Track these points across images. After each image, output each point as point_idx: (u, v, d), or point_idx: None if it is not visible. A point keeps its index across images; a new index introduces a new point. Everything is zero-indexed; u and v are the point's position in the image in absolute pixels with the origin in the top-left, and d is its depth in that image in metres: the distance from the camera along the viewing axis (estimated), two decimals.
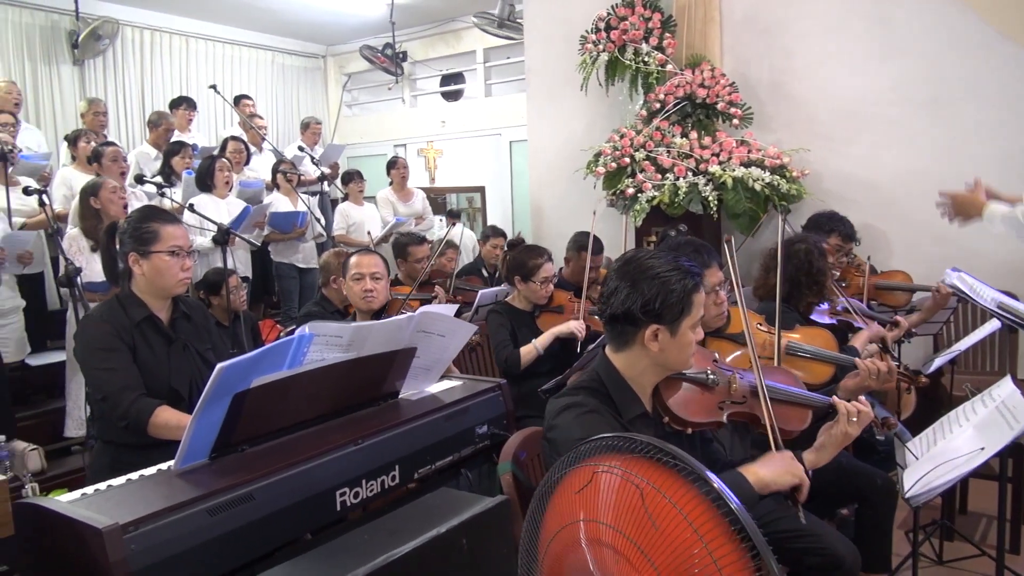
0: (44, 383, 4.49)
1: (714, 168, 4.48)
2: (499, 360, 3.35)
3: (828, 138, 4.66)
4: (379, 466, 1.90)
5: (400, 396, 2.26)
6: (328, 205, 6.63)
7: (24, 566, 1.62)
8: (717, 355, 1.96)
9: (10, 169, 4.52)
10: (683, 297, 1.65)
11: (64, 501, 1.53)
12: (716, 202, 4.42)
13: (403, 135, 9.17)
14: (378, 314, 2.97)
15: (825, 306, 3.01)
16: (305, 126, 7.08)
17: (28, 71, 6.90)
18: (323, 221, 5.93)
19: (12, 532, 1.38)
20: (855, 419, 1.76)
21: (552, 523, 1.21)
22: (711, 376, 1.82)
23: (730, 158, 4.53)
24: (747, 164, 4.53)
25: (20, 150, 4.93)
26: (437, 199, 8.15)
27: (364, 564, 1.31)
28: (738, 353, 2.24)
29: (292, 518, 1.67)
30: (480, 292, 4.09)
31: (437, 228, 7.05)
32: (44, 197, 3.79)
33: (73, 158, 5.19)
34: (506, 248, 4.93)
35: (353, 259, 3.01)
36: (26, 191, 3.94)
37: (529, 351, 3.32)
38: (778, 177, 4.46)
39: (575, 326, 3.35)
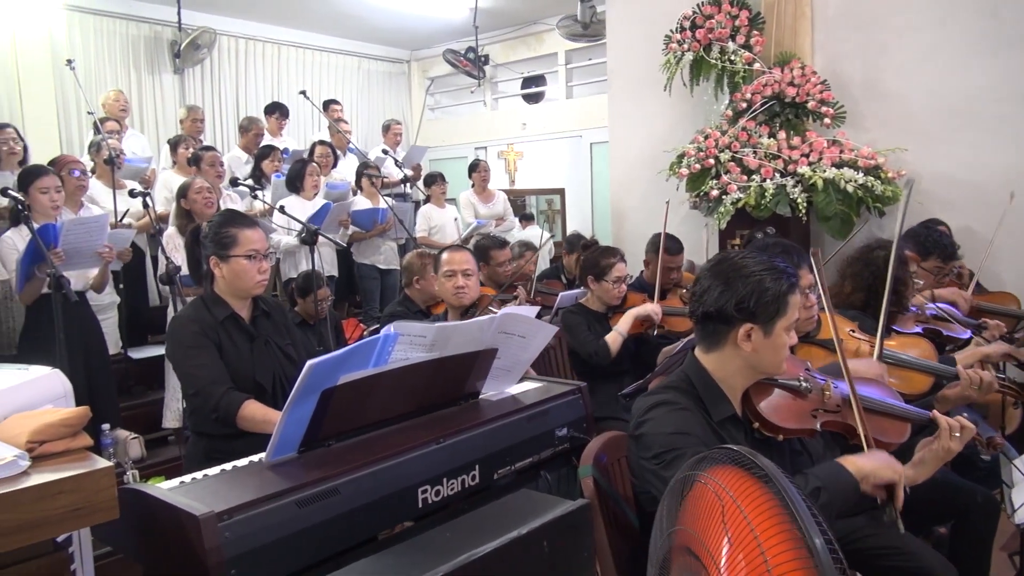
0: (144, 375, 4.74)
1: (803, 169, 4.34)
2: (588, 353, 3.32)
3: (927, 137, 4.44)
4: (460, 465, 1.91)
5: (481, 396, 2.28)
6: (411, 207, 6.76)
7: (126, 548, 1.70)
8: (810, 364, 1.89)
9: (117, 172, 4.80)
10: (778, 297, 1.61)
11: (164, 488, 1.60)
12: (805, 204, 4.27)
13: (484, 137, 9.26)
14: (468, 310, 3.00)
15: (913, 310, 2.84)
16: (386, 128, 7.23)
17: (133, 80, 7.33)
18: (405, 223, 6.04)
19: (116, 516, 1.45)
20: (958, 435, 1.67)
21: (667, 525, 1.19)
22: (804, 383, 1.76)
23: (820, 159, 4.38)
24: (839, 165, 4.36)
25: (126, 154, 5.24)
26: (516, 201, 8.18)
27: (446, 562, 1.33)
28: (831, 362, 2.15)
29: (375, 513, 1.70)
30: (560, 294, 4.08)
31: (517, 231, 7.08)
32: (147, 199, 4.01)
33: (174, 162, 5.47)
34: (580, 252, 4.91)
35: (444, 256, 3.04)
36: (131, 193, 4.18)
37: (615, 338, 3.30)
38: (872, 178, 4.27)
39: (651, 308, 3.31)
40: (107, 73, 7.11)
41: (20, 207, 3.29)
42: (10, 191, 3.34)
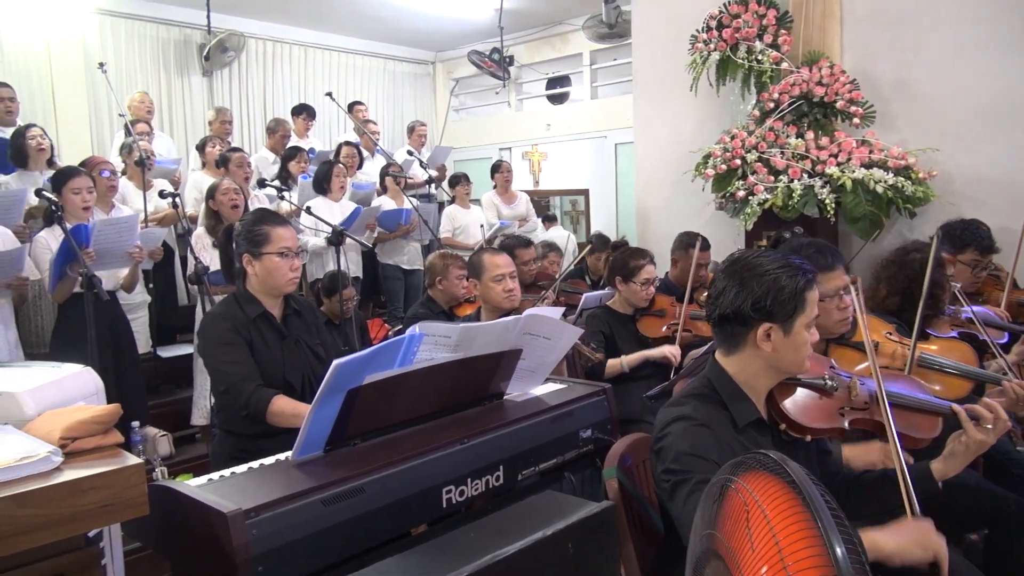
0: (173, 374, 4.80)
1: (832, 169, 4.28)
2: (584, 362, 3.31)
3: (959, 137, 4.36)
4: (484, 465, 1.91)
5: (505, 397, 2.28)
6: (435, 208, 6.78)
7: (155, 544, 1.73)
8: (835, 362, 1.86)
9: (147, 173, 4.88)
10: (795, 294, 1.58)
11: (192, 485, 1.62)
12: (833, 205, 4.22)
13: (508, 138, 9.26)
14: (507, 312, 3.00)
15: (949, 312, 2.79)
16: (411, 129, 7.27)
17: (163, 82, 7.44)
18: (430, 223, 6.06)
19: (146, 512, 1.47)
20: (990, 426, 1.63)
21: (702, 527, 1.18)
22: (829, 381, 1.73)
23: (849, 159, 4.32)
24: (868, 165, 4.29)
25: (155, 156, 5.32)
26: (540, 202, 8.18)
27: (471, 562, 1.33)
28: (865, 365, 2.12)
29: (400, 512, 1.71)
30: (584, 295, 4.07)
31: (540, 232, 7.07)
32: (176, 200, 4.07)
33: (203, 163, 5.54)
34: (609, 252, 4.88)
35: (489, 260, 3.04)
36: (161, 194, 4.24)
37: (615, 366, 3.27)
38: (902, 179, 4.21)
39: (669, 351, 3.27)
40: (137, 76, 7.22)
41: (54, 208, 3.35)
42: (44, 192, 3.41)
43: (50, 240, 3.51)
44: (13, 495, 1.29)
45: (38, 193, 3.45)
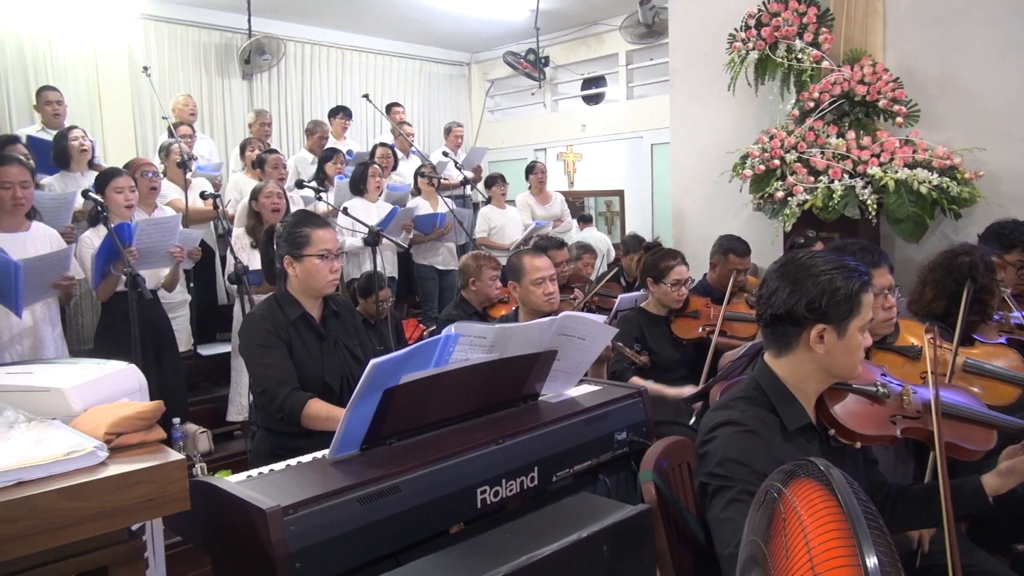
0: (212, 371, 4.89)
1: (874, 170, 4.20)
2: (610, 367, 3.28)
3: (1007, 136, 4.24)
4: (519, 466, 1.91)
5: (540, 398, 2.27)
6: (471, 209, 6.80)
7: (195, 539, 1.76)
8: (886, 368, 1.82)
9: (188, 175, 4.98)
10: (851, 296, 1.54)
11: (232, 481, 1.65)
12: (875, 206, 4.13)
13: (543, 139, 9.25)
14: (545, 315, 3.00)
15: (997, 317, 2.71)
16: (447, 131, 7.30)
17: (204, 85, 7.58)
18: (465, 225, 6.08)
19: (187, 507, 1.49)
20: None
21: (748, 534, 1.16)
22: (881, 388, 1.69)
23: (892, 159, 4.23)
24: (912, 165, 4.20)
25: (196, 158, 5.43)
26: (575, 203, 8.16)
27: (506, 563, 1.32)
28: (908, 370, 2.07)
29: (435, 512, 1.71)
30: (620, 297, 4.05)
31: (575, 232, 7.05)
32: (217, 201, 4.14)
33: (243, 165, 5.63)
34: (641, 254, 4.85)
35: (529, 262, 3.03)
36: (202, 195, 4.31)
37: (638, 384, 3.19)
38: (947, 179, 4.11)
39: (688, 393, 3.20)
40: (180, 79, 7.37)
41: (99, 208, 3.43)
42: (90, 193, 3.49)
43: (94, 239, 3.59)
44: (61, 488, 1.32)
45: (84, 194, 3.54)
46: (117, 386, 1.94)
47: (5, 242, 3.19)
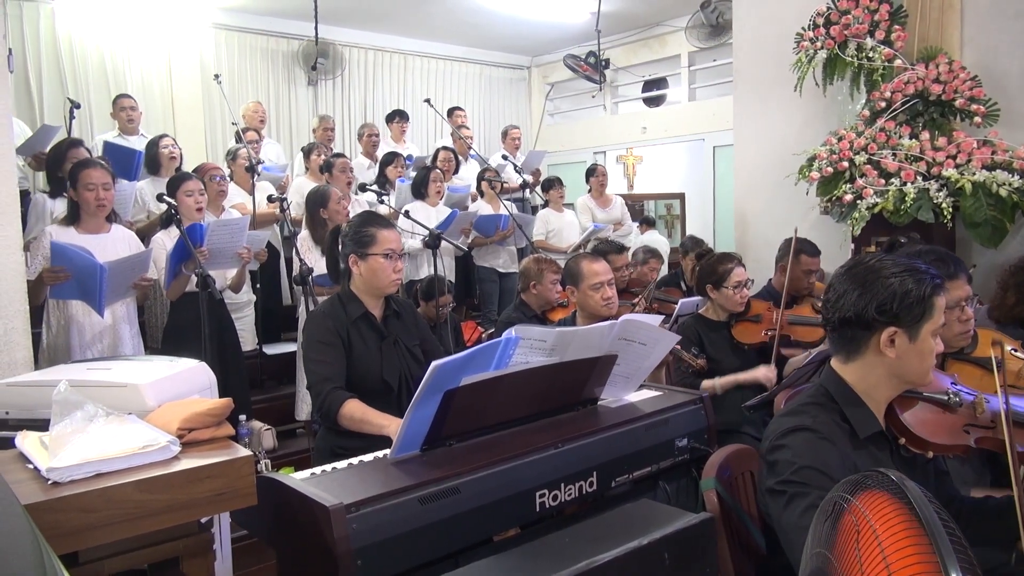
0: (277, 370, 5.00)
1: (949, 172, 4.03)
2: (675, 374, 3.23)
3: None
4: (578, 471, 1.90)
5: (599, 403, 2.26)
6: (529, 212, 6.81)
7: (260, 533, 1.80)
8: (956, 377, 1.75)
9: (255, 179, 5.12)
10: (923, 299, 1.49)
11: (297, 478, 1.68)
12: (951, 210, 3.97)
13: (603, 142, 9.20)
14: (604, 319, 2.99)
15: None
16: (504, 134, 7.32)
17: (271, 91, 7.81)
18: (525, 229, 6.08)
19: (254, 502, 1.53)
20: None
21: (812, 545, 1.13)
22: (952, 397, 1.62)
23: (969, 160, 4.05)
24: (991, 167, 4.02)
25: (263, 162, 5.58)
26: (635, 206, 8.08)
27: (566, 567, 1.32)
28: (987, 381, 1.97)
29: (494, 514, 1.72)
30: (680, 302, 3.99)
31: (635, 236, 6.98)
32: (283, 204, 4.25)
33: (307, 168, 5.77)
34: (695, 259, 4.77)
35: (588, 267, 3.02)
36: (269, 199, 4.42)
37: (709, 387, 3.12)
38: None
39: (763, 375, 3.15)
40: (248, 86, 7.61)
41: (173, 211, 3.56)
42: (164, 197, 3.63)
43: (166, 241, 3.73)
44: (136, 481, 1.38)
45: (159, 197, 3.68)
46: (189, 383, 2.00)
47: (89, 243, 3.31)
